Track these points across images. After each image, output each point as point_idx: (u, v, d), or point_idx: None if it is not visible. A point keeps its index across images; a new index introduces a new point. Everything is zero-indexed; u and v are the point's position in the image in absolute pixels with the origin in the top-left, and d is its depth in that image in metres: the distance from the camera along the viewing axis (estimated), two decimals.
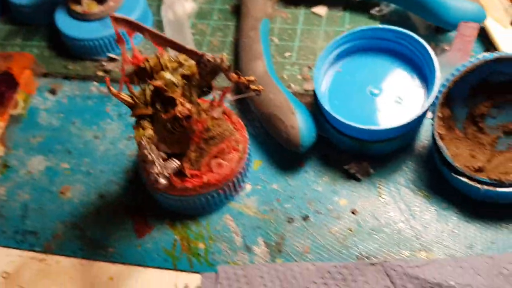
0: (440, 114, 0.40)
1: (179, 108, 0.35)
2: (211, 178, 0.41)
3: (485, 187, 0.39)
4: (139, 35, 0.37)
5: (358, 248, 0.41)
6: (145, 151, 0.34)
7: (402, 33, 0.44)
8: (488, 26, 0.50)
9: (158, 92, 0.36)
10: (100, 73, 0.54)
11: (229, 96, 0.45)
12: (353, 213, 0.43)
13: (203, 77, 0.36)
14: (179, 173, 0.41)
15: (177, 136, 0.38)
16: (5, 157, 0.49)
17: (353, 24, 0.55)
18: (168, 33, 0.55)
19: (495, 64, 0.40)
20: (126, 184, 0.47)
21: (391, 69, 0.46)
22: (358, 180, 0.44)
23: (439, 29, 0.52)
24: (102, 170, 0.48)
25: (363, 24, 0.54)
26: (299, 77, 0.51)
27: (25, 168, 0.49)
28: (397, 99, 0.44)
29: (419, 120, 0.43)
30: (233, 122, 0.44)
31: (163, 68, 0.36)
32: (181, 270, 0.41)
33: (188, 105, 0.36)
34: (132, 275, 0.42)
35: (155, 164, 0.34)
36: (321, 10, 0.57)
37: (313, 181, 0.45)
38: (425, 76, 0.44)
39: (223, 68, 0.35)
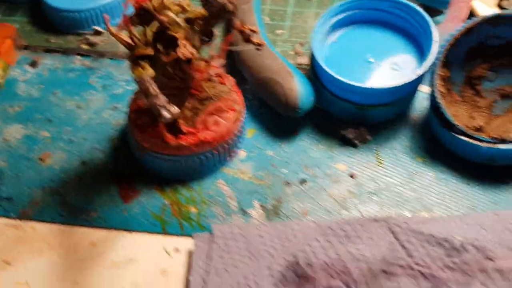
0: (441, 73, 0.40)
1: (182, 49, 0.34)
2: (207, 136, 0.39)
3: (486, 144, 0.38)
4: None
5: (359, 210, 0.39)
6: (147, 85, 0.32)
7: (397, 2, 0.45)
8: (475, 7, 0.51)
9: (160, 33, 0.34)
10: (84, 46, 0.52)
11: (219, 62, 0.43)
12: (351, 176, 0.41)
13: (207, 21, 0.35)
14: (173, 129, 0.39)
15: (176, 85, 0.36)
16: None
17: None
18: None
19: (491, 28, 0.40)
20: (112, 151, 0.44)
21: (386, 39, 0.46)
22: (355, 146, 0.43)
23: (429, 10, 0.52)
24: (85, 138, 0.45)
25: None
26: (291, 52, 0.51)
27: (1, 135, 0.45)
28: (393, 66, 0.44)
29: (415, 85, 0.42)
30: (228, 85, 0.42)
31: (166, 8, 0.34)
32: (171, 234, 0.39)
33: (190, 48, 0.34)
34: (117, 240, 0.39)
35: (159, 96, 0.32)
36: None
37: (309, 148, 0.43)
38: (420, 44, 0.44)
39: (229, 8, 0.34)
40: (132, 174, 0.42)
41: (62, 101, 0.48)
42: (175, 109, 0.34)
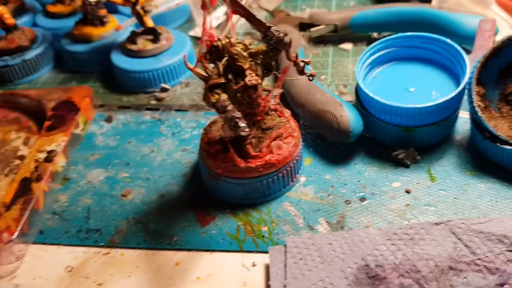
0: (476, 89, 0.44)
1: (248, 77, 0.40)
2: (272, 158, 0.44)
3: None
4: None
5: (418, 219, 0.42)
6: (226, 103, 0.38)
7: (428, 37, 0.51)
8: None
9: (229, 65, 0.40)
10: (153, 102, 0.59)
11: (278, 91, 0.48)
12: (407, 192, 0.45)
13: (266, 55, 0.41)
14: (242, 154, 0.44)
15: (244, 111, 0.42)
16: (64, 171, 0.52)
17: None
18: None
19: None
20: (185, 184, 0.49)
21: (423, 72, 0.51)
22: (407, 166, 0.47)
23: None
24: (160, 175, 0.50)
25: None
26: (336, 93, 0.56)
27: (84, 179, 0.51)
28: (432, 94, 0.49)
29: (456, 103, 0.47)
30: (285, 116, 0.48)
31: (232, 46, 0.41)
32: (248, 251, 0.42)
33: (256, 76, 0.40)
34: (199, 259, 0.42)
35: (235, 111, 0.37)
36: (347, 46, 0.64)
37: (363, 170, 0.47)
38: (455, 73, 0.49)
39: (286, 42, 0.40)
40: (206, 201, 0.47)
41: (137, 147, 0.54)
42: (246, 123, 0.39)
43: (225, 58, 0.40)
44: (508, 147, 0.43)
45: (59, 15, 0.73)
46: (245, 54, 0.40)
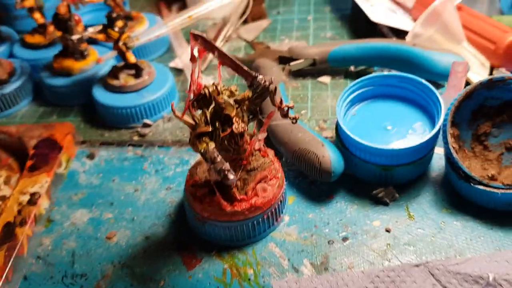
0: (451, 131, 0.46)
1: (235, 125, 0.41)
2: (257, 201, 0.45)
3: (502, 190, 0.44)
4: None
5: (398, 259, 0.44)
6: (214, 154, 0.39)
7: (404, 77, 0.53)
8: (470, 78, 0.59)
9: (216, 113, 0.41)
10: (136, 138, 0.60)
11: (262, 135, 0.49)
12: (387, 231, 0.46)
13: (252, 102, 0.42)
14: (228, 198, 0.45)
15: (230, 157, 0.43)
16: (48, 213, 0.52)
17: None
18: None
19: (487, 91, 0.48)
20: (170, 225, 0.49)
21: (399, 110, 0.53)
22: (386, 204, 0.49)
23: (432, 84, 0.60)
24: (145, 216, 0.51)
25: None
26: (317, 128, 0.58)
27: (68, 220, 0.51)
28: (409, 132, 0.51)
29: (431, 144, 0.49)
30: (269, 156, 0.49)
31: (219, 93, 0.42)
32: None
33: (242, 124, 0.41)
34: None
35: (224, 162, 0.38)
36: (325, 79, 0.66)
37: (345, 209, 0.49)
38: (430, 111, 0.51)
39: (271, 90, 0.41)
40: (192, 243, 0.47)
41: (121, 186, 0.54)
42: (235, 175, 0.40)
43: (212, 106, 0.41)
44: (481, 187, 0.45)
45: (37, 45, 0.73)
46: (231, 102, 0.41)
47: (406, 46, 0.60)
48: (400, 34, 0.68)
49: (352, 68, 0.66)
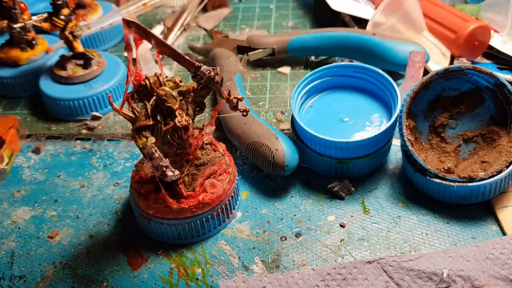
0: (406, 123, 0.45)
1: (178, 118, 0.38)
2: (205, 198, 0.43)
3: (457, 183, 0.43)
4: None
5: (352, 255, 0.42)
6: (152, 150, 0.36)
7: (361, 67, 0.51)
8: (430, 67, 0.57)
9: (158, 105, 0.39)
10: (84, 131, 0.57)
11: (210, 129, 0.47)
12: (342, 226, 0.45)
13: (197, 93, 0.40)
14: (174, 194, 0.42)
15: (175, 152, 0.41)
16: None
17: None
18: None
19: (444, 81, 0.46)
20: (116, 223, 0.47)
21: (356, 101, 0.51)
22: (342, 198, 0.47)
23: (391, 74, 0.59)
24: (90, 213, 0.48)
25: None
26: (274, 120, 0.56)
27: (9, 219, 0.48)
28: (366, 123, 0.49)
29: (386, 137, 0.47)
30: (219, 150, 0.47)
31: (161, 85, 0.39)
32: None
33: (186, 117, 0.39)
34: None
35: (163, 159, 0.36)
36: (285, 69, 0.64)
37: (299, 204, 0.47)
38: (387, 102, 0.50)
39: (216, 80, 0.39)
40: (138, 242, 0.45)
41: (66, 182, 0.51)
42: (176, 171, 0.38)
43: (153, 99, 0.39)
44: (437, 180, 0.44)
45: None
46: (174, 93, 0.39)
47: (365, 35, 0.58)
48: (363, 23, 0.66)
49: (313, 58, 0.65)
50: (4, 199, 0.50)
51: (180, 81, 0.41)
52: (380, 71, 0.50)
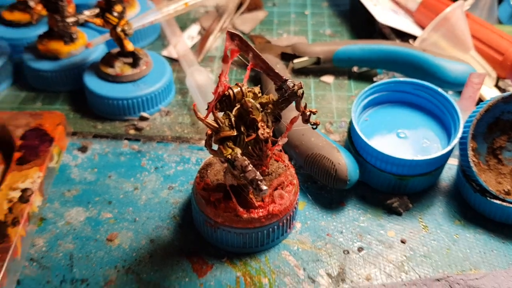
0: (471, 144, 0.46)
1: (261, 130, 0.38)
2: (274, 209, 0.43)
3: None
4: None
5: (416, 272, 0.43)
6: (246, 162, 0.36)
7: (420, 85, 0.52)
8: None
9: (241, 116, 0.39)
10: (132, 131, 0.56)
11: (283, 141, 0.47)
12: (403, 242, 0.46)
13: (277, 105, 0.40)
14: (244, 204, 0.42)
15: (252, 163, 0.40)
16: (40, 211, 0.48)
17: (359, 89, 0.62)
18: (195, 98, 0.59)
19: (503, 104, 0.48)
20: (176, 228, 0.47)
21: (412, 117, 0.52)
22: (399, 214, 0.48)
23: None
24: (148, 217, 0.48)
25: None
26: (323, 131, 0.56)
27: (63, 219, 0.47)
28: (423, 142, 0.50)
29: (447, 157, 0.48)
30: (284, 161, 0.47)
31: (244, 96, 0.39)
32: None
33: (267, 129, 0.39)
34: None
35: (256, 171, 0.36)
36: (328, 79, 0.64)
37: (357, 218, 0.48)
38: (442, 120, 0.51)
39: (299, 94, 0.39)
40: (201, 249, 0.45)
41: (118, 183, 0.51)
42: (267, 185, 0.38)
43: (236, 109, 0.39)
44: (497, 201, 0.45)
45: (17, 23, 0.67)
46: (258, 105, 0.39)
47: (416, 51, 0.59)
48: (402, 36, 0.67)
49: (355, 68, 0.65)
50: (55, 199, 0.49)
51: (259, 92, 0.41)
52: (440, 90, 0.51)
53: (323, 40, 0.71)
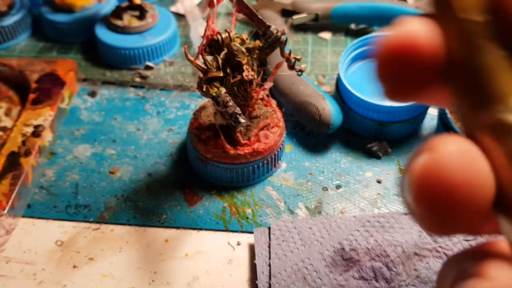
0: None
1: (246, 72, 0.42)
2: (259, 147, 0.47)
3: None
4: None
5: (387, 208, 0.47)
6: (227, 98, 0.40)
7: None
8: None
9: (228, 59, 0.42)
10: (138, 79, 0.60)
11: (269, 85, 0.51)
12: (378, 182, 0.49)
13: (262, 51, 0.44)
14: (232, 141, 0.46)
15: (238, 103, 0.44)
16: (50, 146, 0.53)
17: None
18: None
19: None
20: (172, 164, 0.51)
21: None
22: (378, 157, 0.51)
23: None
24: (147, 154, 0.52)
25: None
26: (315, 82, 0.60)
27: (71, 154, 0.52)
28: None
29: (424, 106, 0.51)
30: (271, 106, 0.51)
31: (231, 41, 0.43)
32: (233, 231, 0.46)
33: (252, 72, 0.43)
34: (187, 237, 0.45)
35: (236, 106, 0.40)
36: (326, 35, 0.67)
37: (339, 160, 0.51)
38: None
39: (282, 40, 0.43)
40: (193, 182, 0.49)
41: (123, 124, 0.55)
42: (245, 119, 0.42)
43: (224, 52, 0.43)
44: None
45: None
46: (243, 49, 0.42)
47: (412, 9, 0.61)
48: None
49: (353, 26, 0.68)
50: (65, 136, 0.54)
51: (247, 38, 0.44)
52: None
53: None
